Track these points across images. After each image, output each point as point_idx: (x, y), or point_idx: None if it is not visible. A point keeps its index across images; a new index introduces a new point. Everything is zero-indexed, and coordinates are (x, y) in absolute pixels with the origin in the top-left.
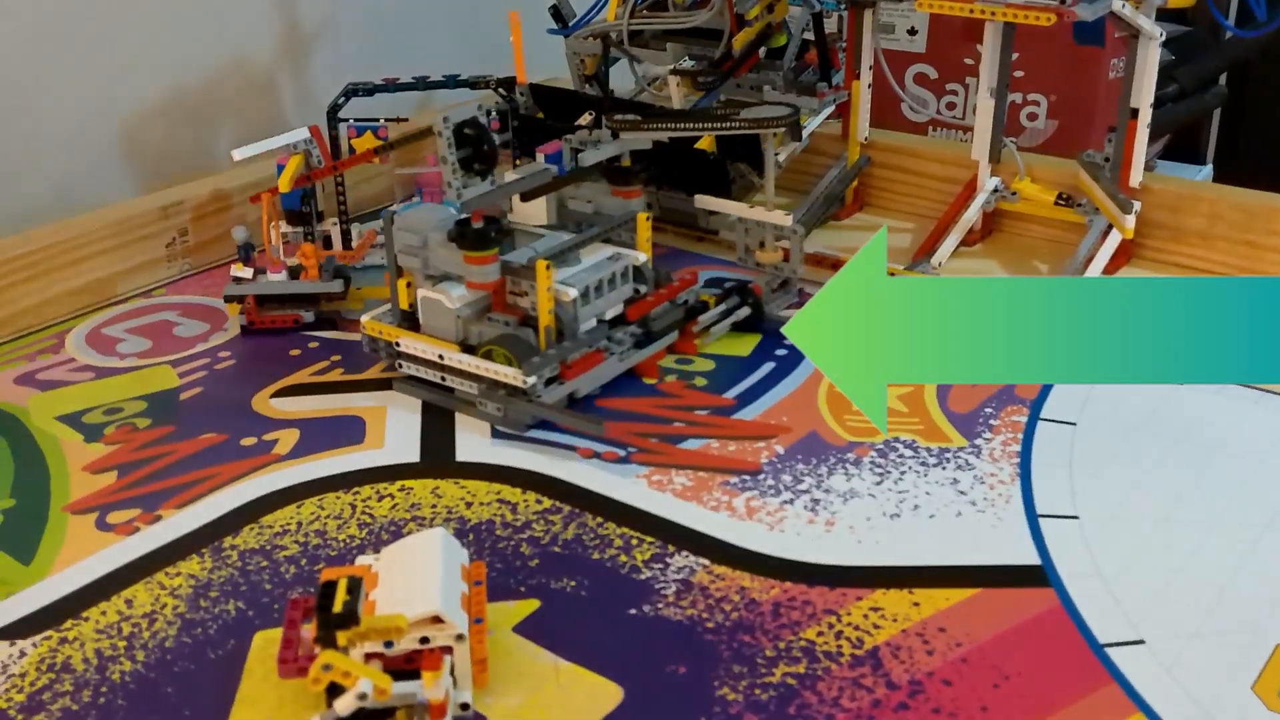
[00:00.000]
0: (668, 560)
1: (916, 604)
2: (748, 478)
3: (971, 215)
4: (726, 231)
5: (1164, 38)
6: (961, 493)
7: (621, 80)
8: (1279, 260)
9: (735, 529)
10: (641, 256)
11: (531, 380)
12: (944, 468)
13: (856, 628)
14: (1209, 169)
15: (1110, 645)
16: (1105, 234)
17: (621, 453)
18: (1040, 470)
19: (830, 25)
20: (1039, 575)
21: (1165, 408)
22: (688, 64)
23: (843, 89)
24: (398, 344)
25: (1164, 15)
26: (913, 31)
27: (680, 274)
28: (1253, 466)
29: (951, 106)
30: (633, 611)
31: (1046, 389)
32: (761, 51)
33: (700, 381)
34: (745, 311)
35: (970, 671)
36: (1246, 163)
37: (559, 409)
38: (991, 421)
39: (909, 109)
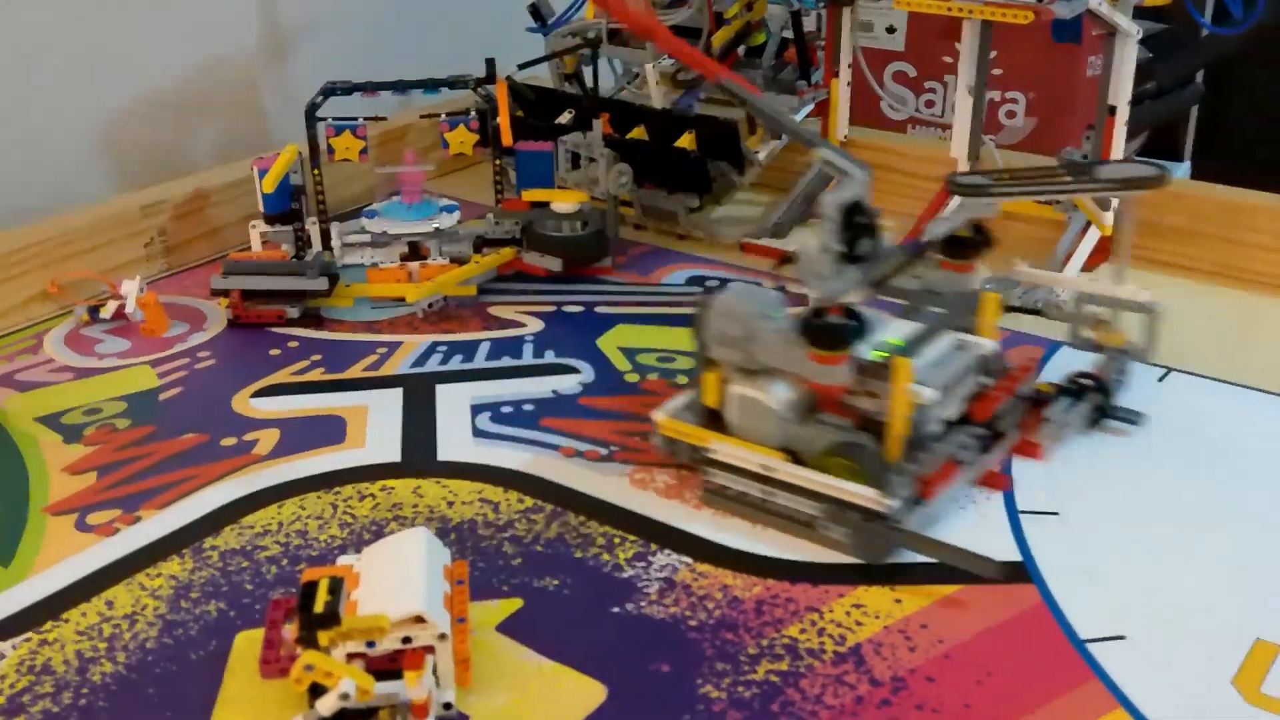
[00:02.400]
0: (650, 559)
1: (899, 601)
2: None
3: (951, 212)
4: (1051, 309)
5: (1141, 35)
6: None
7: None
8: (1260, 257)
9: (719, 527)
10: (990, 344)
11: (894, 503)
12: None
13: (839, 625)
14: (1187, 166)
15: (1092, 641)
16: (1084, 231)
17: (604, 451)
18: (1021, 467)
19: (809, 23)
20: (1021, 572)
21: (1148, 404)
22: (668, 62)
23: (822, 87)
24: (708, 450)
25: (1141, 13)
26: (891, 30)
27: (1019, 357)
28: (1236, 463)
29: (930, 104)
30: (616, 610)
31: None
32: (741, 49)
33: (683, 380)
34: (1094, 403)
35: (953, 668)
36: (1224, 160)
37: (933, 541)
38: None
39: (888, 107)
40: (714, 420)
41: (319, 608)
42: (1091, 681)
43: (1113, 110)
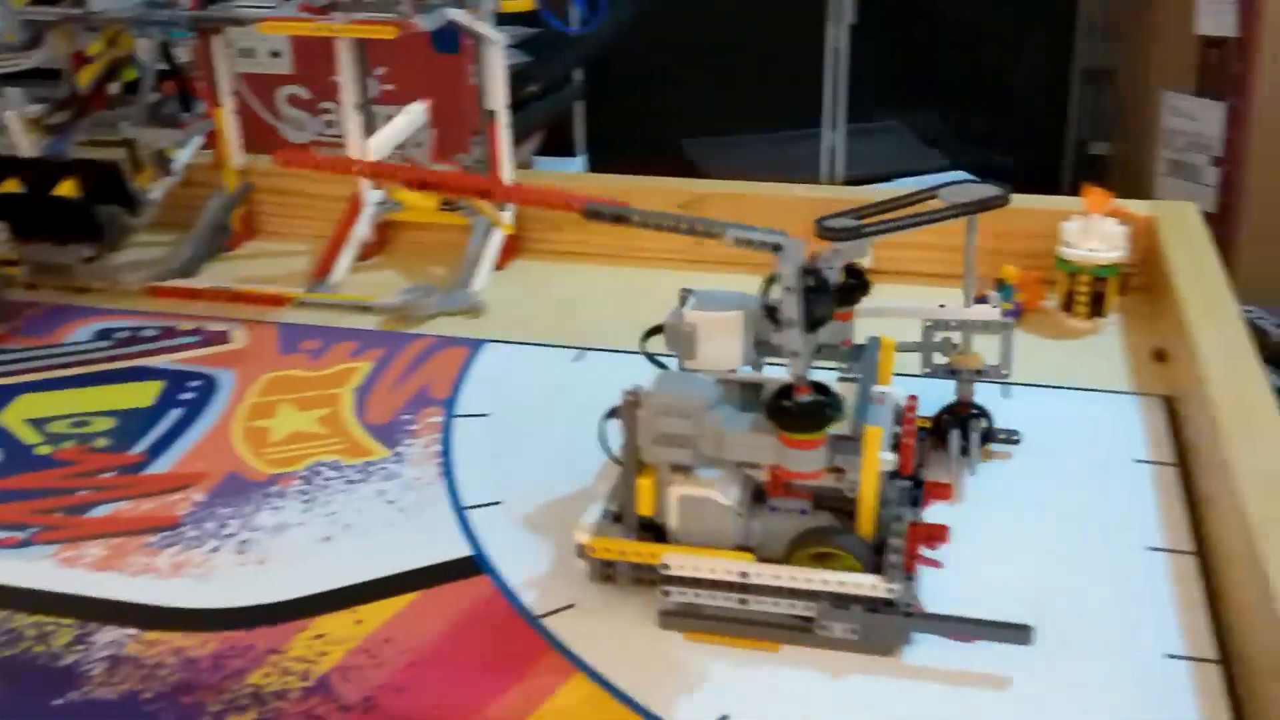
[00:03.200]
0: (91, 639)
1: (359, 621)
2: (168, 533)
3: (362, 230)
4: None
5: (513, 42)
6: (390, 502)
7: None
8: (645, 236)
9: (163, 590)
10: (897, 392)
11: (898, 586)
12: (370, 481)
13: (302, 659)
14: (582, 159)
15: (545, 615)
16: (489, 232)
17: (22, 535)
18: (462, 464)
19: (185, 53)
20: (472, 565)
21: (560, 382)
22: (33, 108)
23: (207, 118)
24: (664, 566)
25: (512, 19)
26: (276, 54)
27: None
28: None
29: (330, 125)
30: (59, 702)
31: (458, 386)
32: (115, 87)
33: (102, 442)
34: (980, 430)
35: (420, 673)
36: (615, 149)
37: (951, 619)
38: (411, 426)
39: (288, 131)
40: (647, 530)
41: None
42: (549, 652)
43: (492, 114)
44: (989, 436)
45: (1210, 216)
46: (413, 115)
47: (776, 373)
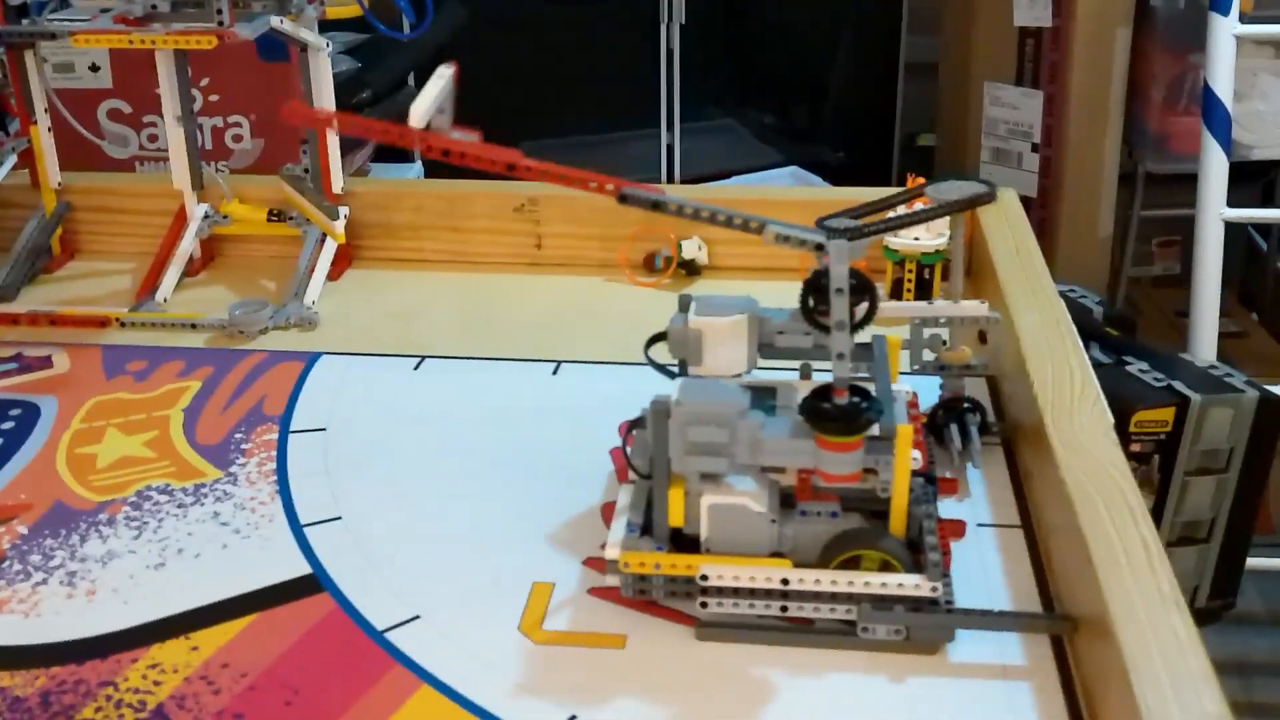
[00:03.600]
0: None
1: (195, 648)
2: None
3: (188, 245)
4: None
5: (342, 48)
6: (224, 524)
7: None
8: (483, 240)
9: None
10: (908, 388)
11: (939, 585)
12: (203, 503)
13: (137, 691)
14: (419, 165)
15: (389, 629)
16: (322, 242)
17: None
18: (299, 481)
19: None
20: (312, 583)
21: (399, 392)
22: None
23: (22, 136)
24: (703, 577)
25: (340, 25)
26: (95, 68)
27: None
28: (481, 429)
29: (154, 139)
30: None
31: (293, 401)
32: None
33: None
34: (977, 423)
35: (260, 697)
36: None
37: (993, 614)
38: (244, 445)
39: (109, 147)
40: (675, 542)
41: None
42: (395, 668)
43: None
44: (984, 430)
45: (1031, 201)
46: (443, 80)
47: (782, 376)
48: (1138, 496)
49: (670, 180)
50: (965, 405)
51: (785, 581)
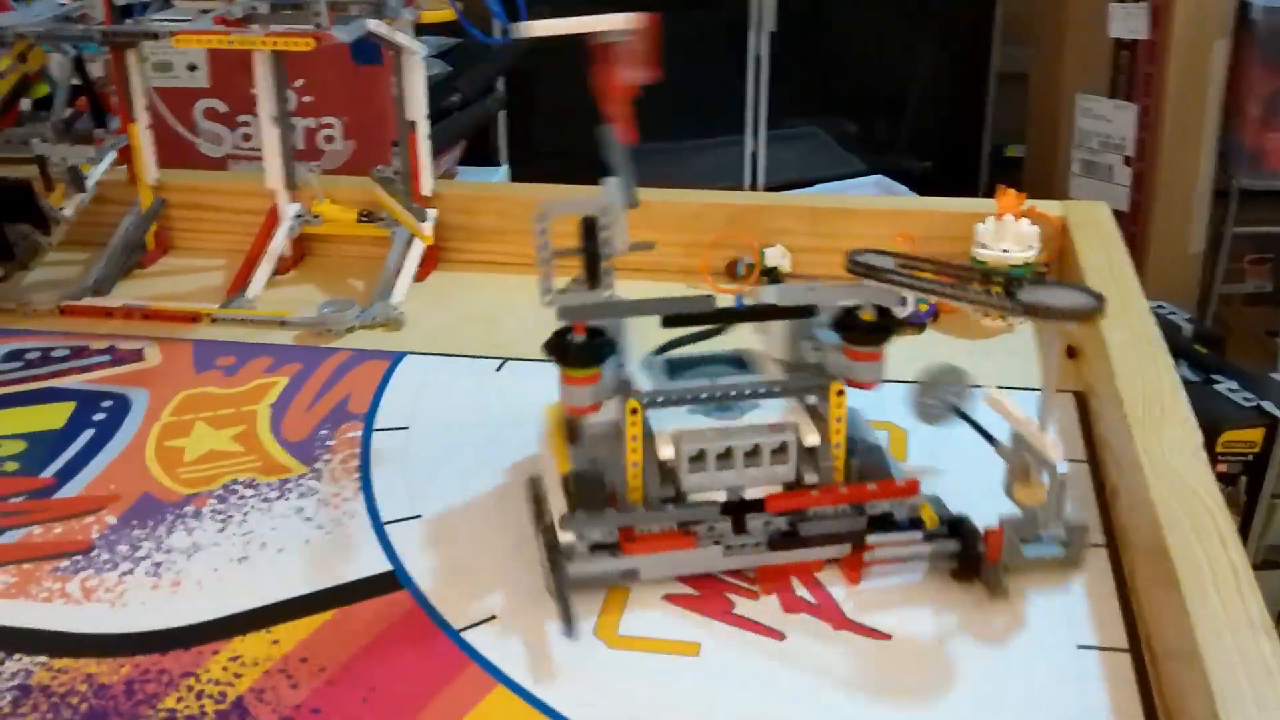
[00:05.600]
0: None
1: (276, 641)
2: (79, 557)
3: (279, 244)
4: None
5: (433, 52)
6: (308, 519)
7: None
8: (566, 245)
9: (73, 615)
10: (814, 440)
11: (568, 538)
12: (287, 499)
13: (217, 682)
14: (504, 169)
15: (466, 629)
16: (409, 243)
17: None
18: (381, 479)
19: (98, 68)
20: (392, 580)
21: (480, 393)
22: None
23: (121, 133)
24: None
25: (433, 29)
26: (193, 67)
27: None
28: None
29: (248, 138)
30: None
31: (377, 400)
32: (27, 104)
33: (10, 466)
34: (950, 549)
35: (337, 692)
36: (537, 158)
37: (568, 582)
38: (329, 442)
39: (204, 145)
40: None
41: None
42: (471, 667)
43: (413, 125)
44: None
45: (1122, 215)
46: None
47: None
48: (1227, 519)
49: (753, 187)
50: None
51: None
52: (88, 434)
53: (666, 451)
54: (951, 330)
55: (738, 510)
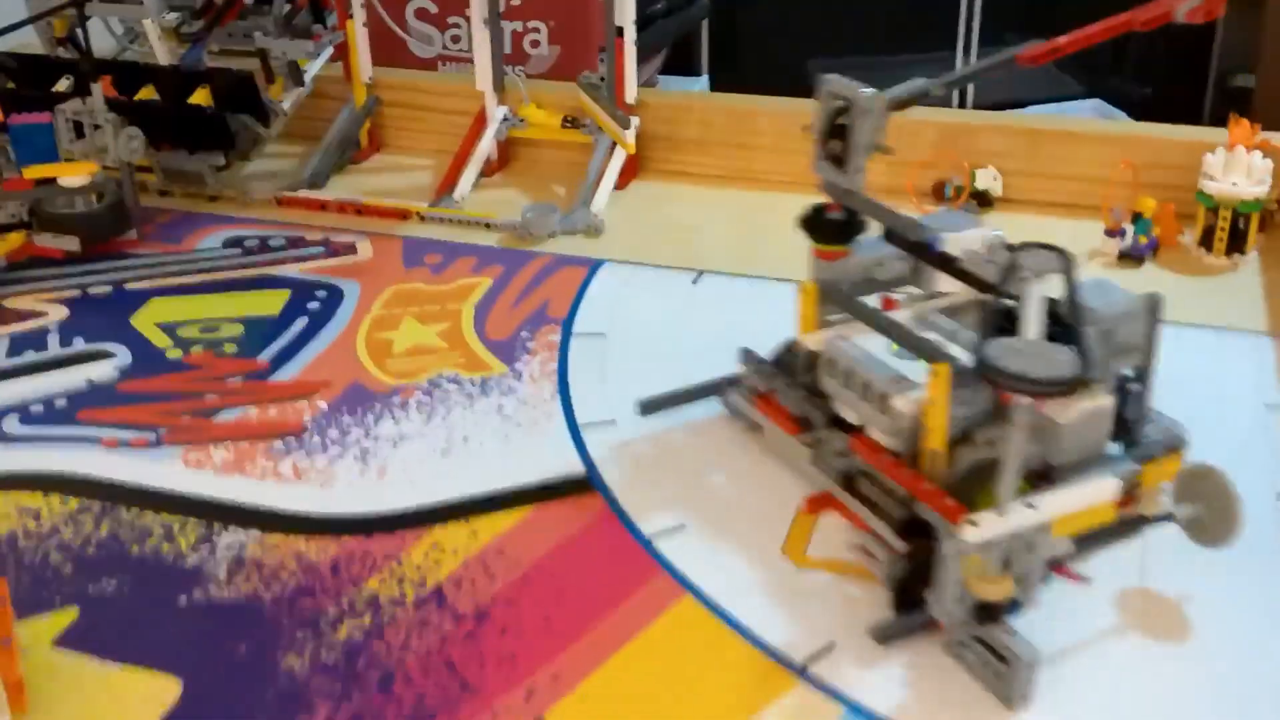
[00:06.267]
0: (215, 540)
1: (475, 533)
2: (292, 440)
3: (485, 147)
4: None
5: None
6: (507, 417)
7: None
8: (767, 158)
9: (285, 494)
10: (904, 407)
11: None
12: (489, 396)
13: (418, 568)
14: (705, 79)
15: (656, 535)
16: (611, 151)
17: (152, 437)
18: (577, 383)
19: None
20: (585, 484)
21: (676, 304)
22: (170, 16)
23: (338, 29)
24: None
25: None
26: None
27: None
28: (756, 347)
29: (457, 40)
30: (184, 600)
31: (575, 305)
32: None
33: (230, 348)
34: None
35: (531, 588)
36: (739, 69)
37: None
38: (529, 344)
39: (415, 45)
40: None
41: None
42: (660, 575)
43: (620, 31)
44: None
45: None
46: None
47: None
48: None
49: (962, 107)
50: None
51: None
52: (301, 321)
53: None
54: (1171, 266)
55: (837, 428)
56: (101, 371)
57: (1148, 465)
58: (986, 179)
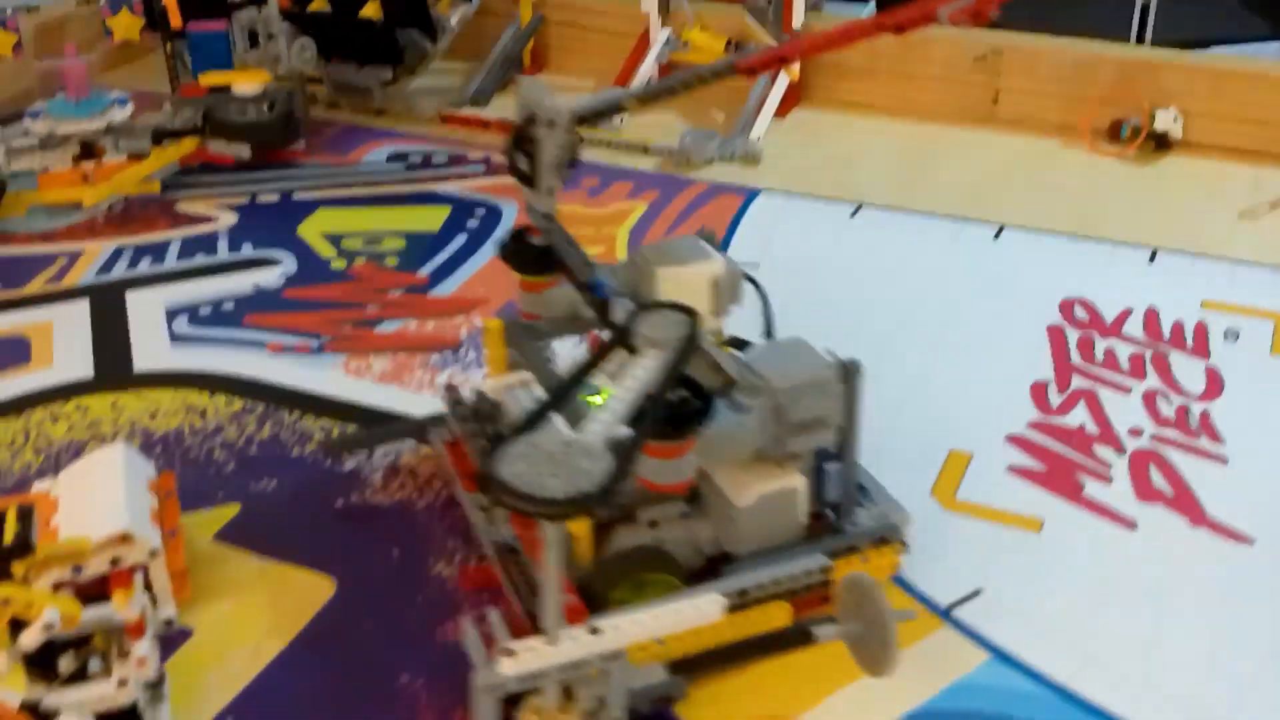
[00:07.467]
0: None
1: None
2: (449, 354)
3: (647, 69)
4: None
5: None
6: None
7: None
8: (935, 90)
9: (439, 407)
10: None
11: None
12: None
13: None
14: (872, 5)
15: None
16: (774, 78)
17: (314, 344)
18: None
19: None
20: None
21: (832, 238)
22: None
23: None
24: None
25: None
26: None
27: None
28: (912, 286)
29: None
30: (340, 503)
31: (730, 234)
32: None
33: (391, 261)
34: None
35: None
36: None
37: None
38: None
39: None
40: None
41: (8, 539)
42: None
43: None
44: None
45: None
46: None
47: None
48: None
49: (1140, 43)
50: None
51: None
52: (461, 238)
53: None
54: None
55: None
56: (268, 277)
57: (844, 559)
58: (1166, 120)
